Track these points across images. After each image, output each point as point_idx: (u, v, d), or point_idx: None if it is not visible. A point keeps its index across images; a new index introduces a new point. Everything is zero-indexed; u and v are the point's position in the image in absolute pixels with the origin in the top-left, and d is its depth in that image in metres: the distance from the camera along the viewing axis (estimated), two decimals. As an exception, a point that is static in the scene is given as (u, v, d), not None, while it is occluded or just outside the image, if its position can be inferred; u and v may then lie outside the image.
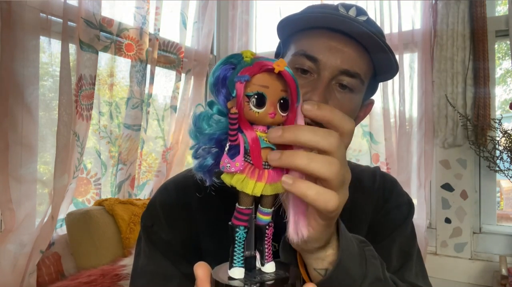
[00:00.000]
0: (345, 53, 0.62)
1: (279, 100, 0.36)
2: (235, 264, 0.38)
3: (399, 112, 1.77)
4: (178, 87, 1.83)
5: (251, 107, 0.35)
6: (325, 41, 0.63)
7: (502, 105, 1.85)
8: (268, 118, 0.36)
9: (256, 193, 0.36)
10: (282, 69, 0.35)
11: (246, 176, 0.36)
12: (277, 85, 0.36)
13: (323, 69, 0.62)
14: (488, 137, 1.56)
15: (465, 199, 1.70)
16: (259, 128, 0.37)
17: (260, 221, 0.38)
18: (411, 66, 1.82)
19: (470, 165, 1.69)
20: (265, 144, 0.37)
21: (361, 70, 0.64)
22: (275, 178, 0.37)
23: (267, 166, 0.37)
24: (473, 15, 1.61)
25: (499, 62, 1.87)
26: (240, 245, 0.38)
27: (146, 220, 0.68)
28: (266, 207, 0.38)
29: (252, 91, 0.35)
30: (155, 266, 0.64)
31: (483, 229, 1.71)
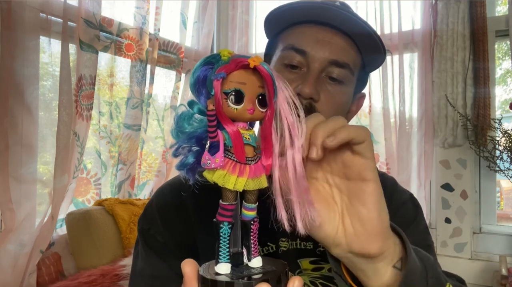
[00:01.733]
0: (333, 44, 0.63)
1: (258, 96, 0.37)
2: (221, 259, 0.38)
3: (399, 112, 1.77)
4: (178, 87, 1.83)
5: (229, 104, 0.36)
6: (312, 34, 0.63)
7: (502, 105, 1.85)
8: (247, 114, 0.37)
9: (238, 188, 0.36)
10: (257, 64, 0.35)
11: (227, 172, 0.36)
12: (254, 82, 0.37)
13: (312, 61, 0.62)
14: (488, 137, 1.56)
15: (465, 199, 1.70)
16: (239, 125, 0.37)
17: (245, 217, 0.39)
18: (411, 66, 1.82)
19: (470, 165, 1.69)
20: (246, 141, 0.37)
21: (350, 61, 0.64)
22: (256, 173, 0.38)
23: (248, 161, 0.37)
24: (473, 15, 1.61)
25: (499, 62, 1.87)
26: (225, 241, 0.38)
27: (143, 224, 0.68)
28: (250, 202, 0.39)
29: (229, 88, 0.36)
30: (153, 270, 0.64)
31: (483, 229, 1.71)
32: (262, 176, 0.38)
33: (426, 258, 0.50)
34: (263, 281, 0.35)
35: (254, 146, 0.38)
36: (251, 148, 0.38)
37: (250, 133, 0.38)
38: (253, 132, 0.39)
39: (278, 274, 0.37)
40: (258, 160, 0.38)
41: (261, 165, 0.38)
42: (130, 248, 1.30)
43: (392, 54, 1.79)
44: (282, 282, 0.37)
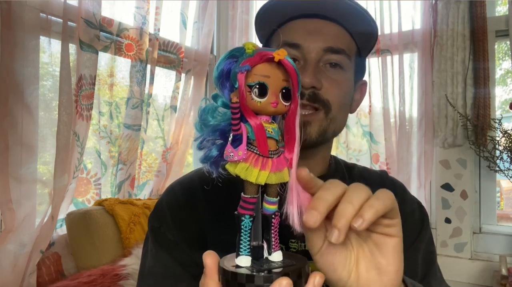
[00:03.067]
0: (325, 33, 0.63)
1: (281, 90, 0.37)
2: (241, 252, 0.38)
3: (399, 112, 1.77)
4: (178, 87, 1.83)
5: (253, 97, 0.36)
6: (302, 27, 0.64)
7: (502, 105, 1.85)
8: (271, 108, 0.37)
9: (260, 181, 0.36)
10: (282, 58, 0.35)
11: (250, 165, 0.37)
12: (279, 75, 0.36)
13: (307, 53, 0.63)
14: (488, 137, 1.56)
15: (465, 199, 1.70)
16: (262, 118, 0.37)
17: (266, 211, 0.39)
18: (411, 66, 1.82)
19: (470, 165, 1.69)
20: (269, 134, 0.37)
21: (345, 45, 0.64)
22: (279, 166, 0.38)
23: (271, 155, 0.37)
24: (473, 15, 1.61)
25: (499, 63, 1.87)
26: (246, 234, 0.38)
27: (154, 222, 0.68)
28: (272, 196, 0.38)
29: (253, 81, 0.36)
30: (163, 268, 0.64)
31: (483, 229, 1.71)
32: (284, 170, 0.38)
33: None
34: (283, 275, 0.35)
35: (277, 139, 0.38)
36: (274, 142, 0.38)
37: (273, 127, 0.38)
38: (276, 126, 0.38)
39: (299, 268, 0.37)
40: (280, 154, 0.38)
41: (283, 158, 0.38)
42: (130, 248, 1.30)
43: (392, 54, 1.79)
44: (302, 277, 0.37)
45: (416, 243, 0.70)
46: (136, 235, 1.36)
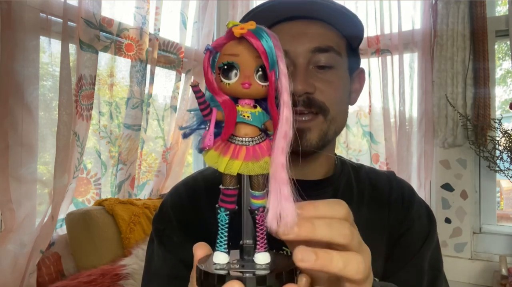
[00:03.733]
0: (309, 34, 0.62)
1: (258, 69, 0.32)
2: (218, 248, 0.35)
3: (399, 112, 1.77)
4: (178, 87, 1.83)
5: (221, 79, 0.33)
6: (286, 31, 0.62)
7: (502, 105, 1.85)
8: (242, 90, 0.33)
9: (231, 171, 0.33)
10: (244, 32, 0.31)
11: (220, 153, 0.33)
12: (250, 52, 0.32)
13: (295, 58, 0.61)
14: (488, 137, 1.56)
15: (465, 199, 1.70)
16: (243, 102, 0.34)
17: (251, 206, 0.35)
18: (411, 66, 1.82)
19: (470, 165, 1.69)
20: (242, 119, 0.33)
21: (332, 42, 0.63)
22: (255, 155, 0.33)
23: (245, 142, 0.33)
24: (473, 15, 1.61)
25: (499, 63, 1.87)
26: (223, 229, 0.35)
27: (158, 223, 0.68)
28: (255, 189, 0.34)
29: (222, 61, 0.33)
30: (170, 270, 0.63)
31: (483, 229, 1.71)
32: (264, 159, 0.33)
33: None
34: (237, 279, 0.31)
35: (257, 125, 0.34)
36: (253, 127, 0.34)
37: (253, 111, 0.34)
38: (259, 111, 0.34)
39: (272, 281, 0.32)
40: (262, 141, 0.34)
41: (266, 146, 0.34)
42: (130, 248, 1.30)
43: (392, 54, 1.79)
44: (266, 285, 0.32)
45: (422, 249, 0.68)
46: (136, 235, 1.36)
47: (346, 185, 0.72)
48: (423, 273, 0.67)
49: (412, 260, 0.67)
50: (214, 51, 0.33)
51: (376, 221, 0.69)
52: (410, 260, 0.67)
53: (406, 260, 0.67)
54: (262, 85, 0.33)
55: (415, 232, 0.70)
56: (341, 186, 0.71)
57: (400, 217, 0.70)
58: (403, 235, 0.69)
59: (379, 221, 0.69)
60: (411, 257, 0.68)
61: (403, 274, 0.67)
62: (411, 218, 0.71)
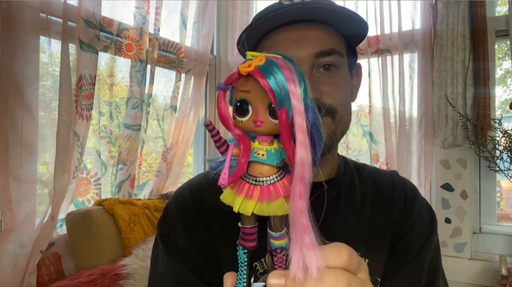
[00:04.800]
0: (310, 37, 0.61)
1: (270, 105, 0.30)
2: (237, 285, 0.34)
3: (399, 112, 1.77)
4: (178, 87, 1.83)
5: (234, 116, 0.32)
6: (286, 36, 0.61)
7: (502, 105, 1.85)
8: (255, 127, 0.31)
9: (245, 211, 0.32)
10: (249, 70, 0.29)
11: (236, 192, 0.32)
12: (260, 89, 0.30)
13: (299, 64, 0.60)
14: (488, 137, 1.56)
15: (465, 199, 1.70)
16: (260, 139, 0.33)
17: (270, 246, 0.33)
18: (411, 66, 1.82)
19: (470, 165, 1.69)
20: (256, 157, 0.32)
21: (334, 44, 0.62)
22: (269, 196, 0.32)
23: (259, 182, 0.32)
24: (473, 15, 1.61)
25: (499, 63, 1.87)
26: (242, 267, 0.34)
27: (163, 228, 0.67)
28: (273, 230, 0.33)
29: (236, 98, 0.31)
30: (175, 274, 0.63)
31: (483, 229, 1.71)
32: (278, 200, 0.32)
33: None
34: None
35: (272, 164, 0.32)
36: (268, 167, 0.32)
37: (269, 148, 0.32)
38: (275, 147, 0.32)
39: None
40: (278, 180, 0.33)
41: (283, 186, 0.32)
42: (130, 248, 1.30)
43: (392, 54, 1.79)
44: None
45: (422, 251, 0.68)
46: (136, 235, 1.36)
47: (349, 186, 0.72)
48: (422, 275, 0.67)
49: (411, 262, 0.67)
50: (226, 88, 0.32)
51: (379, 222, 0.69)
52: (409, 261, 0.67)
53: (406, 261, 0.67)
54: (275, 123, 0.31)
55: (416, 233, 0.70)
56: (344, 187, 0.71)
57: (402, 217, 0.70)
58: (404, 235, 0.69)
59: (382, 222, 0.69)
60: (411, 258, 0.68)
61: (402, 275, 0.67)
62: (413, 219, 0.71)
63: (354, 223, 0.68)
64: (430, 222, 0.72)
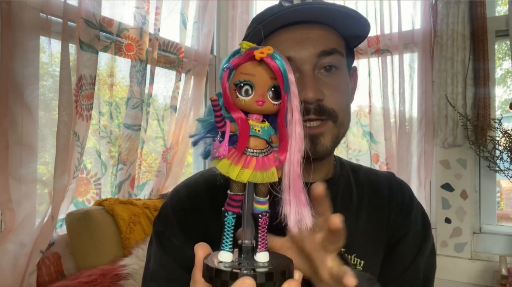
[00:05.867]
0: (312, 37, 0.61)
1: (270, 88, 0.36)
2: (223, 248, 0.38)
3: (399, 112, 1.77)
4: (178, 87, 1.83)
5: (237, 96, 0.37)
6: (288, 37, 0.62)
7: (502, 105, 1.85)
8: (256, 106, 0.37)
9: (242, 179, 0.36)
10: (264, 56, 0.35)
11: (232, 162, 0.37)
12: (265, 73, 0.36)
13: (301, 64, 0.61)
14: (488, 137, 1.56)
15: (465, 199, 1.70)
16: (253, 117, 0.38)
17: (255, 210, 0.39)
18: (411, 66, 1.82)
19: (470, 165, 1.69)
20: (254, 132, 0.37)
21: (335, 44, 0.63)
22: (264, 165, 0.37)
23: (256, 153, 0.37)
24: (473, 15, 1.61)
25: (499, 63, 1.87)
26: (229, 230, 0.38)
27: (158, 226, 0.67)
28: (260, 195, 0.38)
29: (239, 79, 0.36)
30: (168, 272, 0.63)
31: (483, 229, 1.71)
32: (271, 169, 0.37)
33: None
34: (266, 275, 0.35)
35: (266, 139, 0.38)
36: (262, 140, 0.38)
37: (263, 125, 0.38)
38: (267, 126, 0.38)
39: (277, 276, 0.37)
40: (269, 153, 0.38)
41: (273, 158, 0.38)
42: (130, 248, 1.30)
43: (392, 54, 1.79)
44: (273, 281, 0.36)
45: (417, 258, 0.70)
46: (136, 235, 1.36)
47: (345, 187, 0.72)
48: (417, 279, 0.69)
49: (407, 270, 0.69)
50: (232, 69, 0.37)
51: (375, 225, 0.69)
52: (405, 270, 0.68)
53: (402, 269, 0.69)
54: (273, 104, 0.37)
55: (411, 239, 0.71)
56: (341, 188, 0.71)
57: (399, 221, 0.71)
58: (400, 240, 0.70)
59: (378, 225, 0.70)
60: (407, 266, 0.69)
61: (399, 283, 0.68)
62: (409, 224, 0.72)
63: (350, 224, 0.68)
64: (424, 228, 0.73)
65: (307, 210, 0.38)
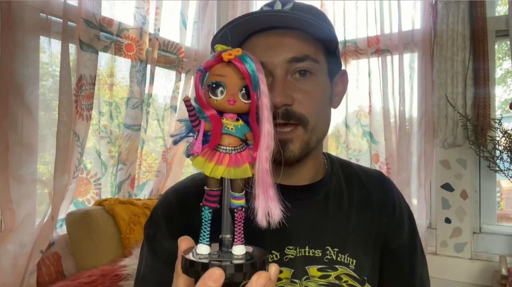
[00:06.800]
0: (285, 43, 0.62)
1: (241, 89, 0.38)
2: (201, 241, 0.40)
3: (399, 112, 1.77)
4: (178, 87, 1.83)
5: (210, 96, 0.39)
6: (261, 42, 0.62)
7: (502, 105, 1.85)
8: (228, 105, 0.39)
9: (216, 175, 0.38)
10: (231, 57, 0.37)
11: (206, 159, 0.39)
12: (235, 74, 0.38)
13: (273, 69, 0.61)
14: (488, 137, 1.56)
15: (465, 199, 1.70)
16: (227, 116, 0.40)
17: (231, 205, 0.40)
18: (411, 66, 1.82)
19: (470, 165, 1.69)
20: (227, 130, 0.39)
21: (308, 51, 0.63)
22: (237, 162, 0.39)
23: (229, 150, 0.39)
24: (473, 15, 1.61)
25: (499, 63, 1.87)
26: (206, 224, 0.40)
27: (149, 229, 0.68)
28: (235, 191, 0.40)
29: (211, 80, 0.38)
30: (158, 276, 0.63)
31: (483, 229, 1.71)
32: (244, 166, 0.39)
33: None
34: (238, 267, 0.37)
35: (239, 136, 0.40)
36: (235, 138, 0.40)
37: (236, 124, 0.40)
38: (241, 124, 0.40)
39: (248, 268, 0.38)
40: (243, 150, 0.40)
41: (246, 155, 0.40)
42: (130, 248, 1.30)
43: (392, 54, 1.79)
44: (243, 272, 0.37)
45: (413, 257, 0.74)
46: (136, 235, 1.36)
47: (336, 187, 0.73)
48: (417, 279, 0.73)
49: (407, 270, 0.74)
50: (204, 71, 0.39)
51: (365, 224, 0.71)
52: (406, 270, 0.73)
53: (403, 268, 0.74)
54: (245, 103, 0.39)
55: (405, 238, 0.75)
56: (332, 189, 0.72)
57: (390, 221, 0.74)
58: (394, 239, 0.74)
59: (369, 224, 0.72)
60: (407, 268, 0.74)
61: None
62: (402, 223, 0.75)
63: (342, 224, 0.70)
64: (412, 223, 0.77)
65: (275, 204, 0.39)
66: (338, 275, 0.65)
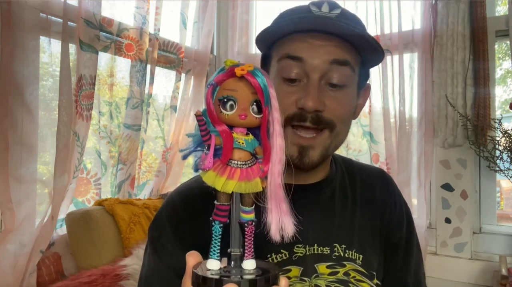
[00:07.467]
0: (329, 46, 0.62)
1: (253, 103, 0.38)
2: (211, 256, 0.40)
3: (399, 112, 1.77)
4: (178, 87, 1.83)
5: (221, 110, 0.38)
6: (306, 40, 0.62)
7: (502, 105, 1.85)
8: (239, 120, 0.38)
9: (227, 190, 0.38)
10: (244, 72, 0.37)
11: (217, 173, 0.38)
12: (247, 89, 0.38)
13: (310, 71, 0.61)
14: (488, 137, 1.56)
15: (465, 199, 1.70)
16: (237, 130, 0.39)
17: (241, 219, 0.40)
18: (411, 66, 1.82)
19: (470, 165, 1.69)
20: (238, 145, 0.39)
21: (349, 57, 0.63)
22: (248, 176, 0.39)
23: (240, 165, 0.39)
24: (473, 15, 1.61)
25: (499, 63, 1.87)
26: (216, 239, 0.40)
27: (153, 232, 0.68)
28: (245, 205, 0.40)
29: (222, 95, 0.38)
30: (161, 279, 0.63)
31: (483, 229, 1.71)
32: (255, 180, 0.39)
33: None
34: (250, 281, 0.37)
35: (250, 151, 0.40)
36: (246, 152, 0.39)
37: (247, 138, 0.39)
38: (251, 138, 0.40)
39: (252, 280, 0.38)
40: (253, 164, 0.40)
41: (257, 169, 0.39)
42: (130, 248, 1.30)
43: (392, 54, 1.79)
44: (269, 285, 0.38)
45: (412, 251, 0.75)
46: (136, 235, 1.36)
47: (341, 184, 0.75)
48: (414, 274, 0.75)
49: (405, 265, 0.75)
50: (215, 85, 0.38)
51: (369, 219, 0.73)
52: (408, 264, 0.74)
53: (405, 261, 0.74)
54: (256, 117, 0.39)
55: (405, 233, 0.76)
56: (337, 186, 0.74)
57: (392, 217, 0.75)
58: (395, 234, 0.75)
59: (372, 219, 0.73)
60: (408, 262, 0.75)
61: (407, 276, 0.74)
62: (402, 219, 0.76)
63: (348, 220, 0.71)
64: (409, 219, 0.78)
65: (288, 218, 0.39)
66: (346, 271, 0.66)
